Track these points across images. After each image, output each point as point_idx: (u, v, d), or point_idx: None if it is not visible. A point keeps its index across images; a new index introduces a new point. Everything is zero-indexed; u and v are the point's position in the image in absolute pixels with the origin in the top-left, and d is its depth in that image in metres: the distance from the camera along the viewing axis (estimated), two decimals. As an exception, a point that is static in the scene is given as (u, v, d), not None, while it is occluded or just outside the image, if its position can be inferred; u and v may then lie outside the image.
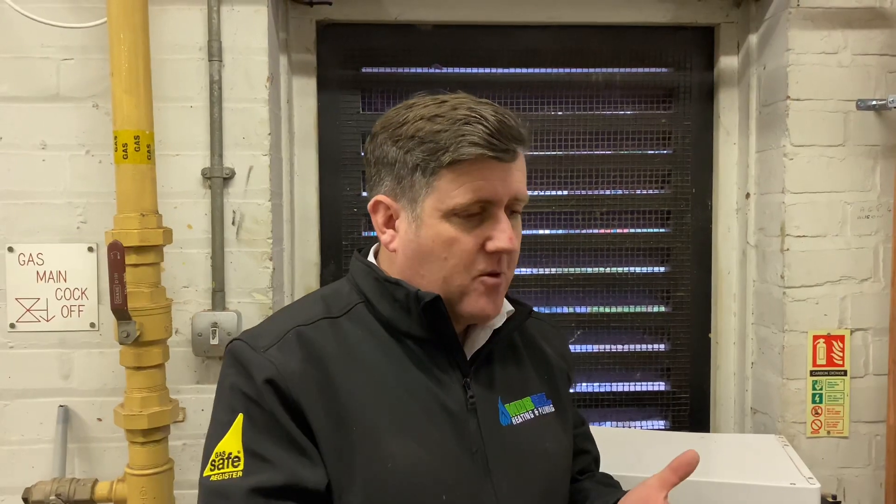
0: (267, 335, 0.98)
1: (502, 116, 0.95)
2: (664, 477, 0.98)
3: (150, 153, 1.59)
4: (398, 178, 0.99)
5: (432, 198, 0.96)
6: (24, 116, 1.74)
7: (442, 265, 0.97)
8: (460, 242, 0.96)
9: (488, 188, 0.95)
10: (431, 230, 0.96)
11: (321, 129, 2.02)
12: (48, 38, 1.73)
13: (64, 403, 1.77)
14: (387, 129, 1.00)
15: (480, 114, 0.94)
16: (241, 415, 0.92)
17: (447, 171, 0.94)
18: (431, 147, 0.95)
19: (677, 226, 2.08)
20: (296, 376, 0.93)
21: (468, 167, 0.94)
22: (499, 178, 0.95)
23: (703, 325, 2.10)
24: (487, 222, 0.97)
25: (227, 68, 1.76)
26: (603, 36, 2.05)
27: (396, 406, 0.96)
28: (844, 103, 1.82)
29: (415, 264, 0.99)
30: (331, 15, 1.97)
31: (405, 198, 0.99)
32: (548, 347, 1.18)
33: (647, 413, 2.12)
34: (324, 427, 0.93)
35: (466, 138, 0.93)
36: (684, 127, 2.07)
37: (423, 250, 0.98)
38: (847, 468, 1.87)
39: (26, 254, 1.75)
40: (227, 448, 0.91)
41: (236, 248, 1.78)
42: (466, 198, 0.94)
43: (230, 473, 0.89)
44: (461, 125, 0.94)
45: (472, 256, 0.97)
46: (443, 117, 0.95)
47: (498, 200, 0.96)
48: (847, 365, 1.85)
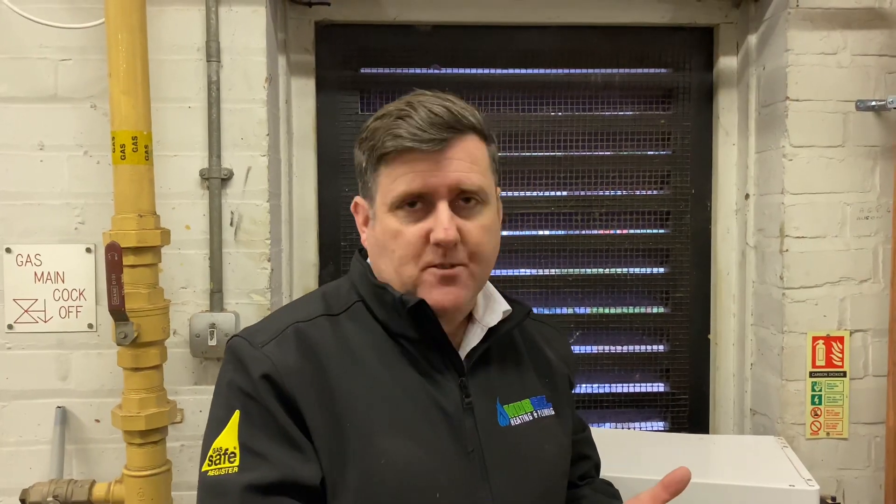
0: (265, 331, 0.99)
1: (439, 108, 0.96)
2: (655, 494, 0.96)
3: (148, 154, 1.59)
4: (363, 180, 1.04)
5: (380, 193, 1.00)
6: (22, 117, 1.74)
7: (391, 257, 0.99)
8: (404, 235, 0.97)
9: (417, 180, 0.96)
10: (381, 224, 1.00)
11: (320, 130, 2.02)
12: (46, 38, 1.73)
13: (62, 404, 1.76)
14: (359, 135, 1.05)
15: (414, 107, 0.96)
16: (237, 411, 0.93)
17: (383, 167, 0.99)
18: (371, 144, 0.99)
19: (676, 227, 2.08)
20: (292, 371, 0.94)
21: (397, 160, 0.97)
22: (429, 169, 0.96)
23: (703, 326, 2.10)
24: (431, 214, 0.97)
25: (226, 69, 1.75)
26: (602, 36, 2.05)
27: (391, 405, 0.97)
28: (844, 104, 1.82)
29: (376, 259, 1.03)
30: (329, 15, 1.97)
31: (367, 196, 1.04)
32: (549, 350, 1.18)
33: (646, 414, 2.12)
34: (318, 423, 0.93)
35: (392, 132, 0.96)
36: (683, 128, 2.07)
37: (379, 244, 1.01)
38: (846, 470, 1.86)
39: (24, 254, 1.75)
40: (223, 444, 0.92)
41: (234, 248, 1.78)
42: (399, 190, 0.97)
43: (226, 469, 0.90)
44: (393, 119, 0.97)
45: (416, 248, 0.97)
46: (388, 114, 0.98)
47: (432, 190, 0.96)
48: (846, 366, 1.85)
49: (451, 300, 0.99)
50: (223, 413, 0.94)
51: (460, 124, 0.97)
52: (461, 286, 1.00)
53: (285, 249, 1.96)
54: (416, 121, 0.95)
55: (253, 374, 0.93)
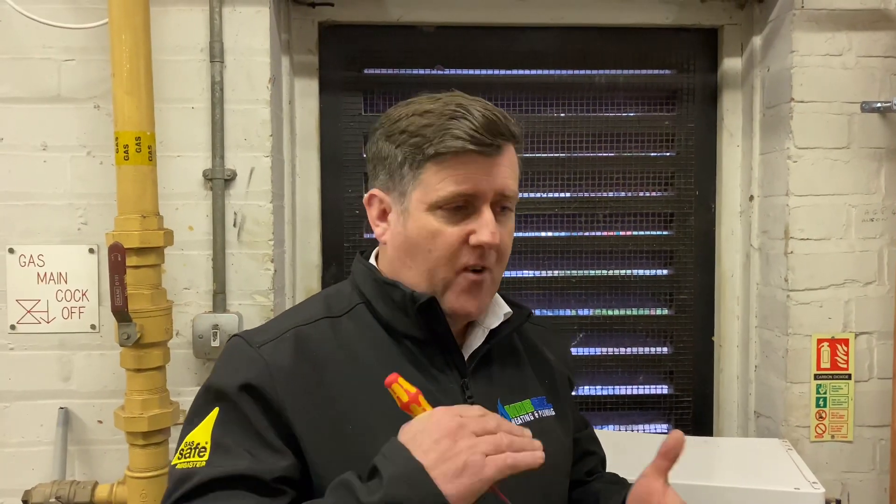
0: (266, 332, 1.00)
1: (490, 112, 0.96)
2: (657, 465, 1.00)
3: (151, 154, 1.59)
4: (390, 172, 1.01)
5: (418, 191, 0.98)
6: (25, 117, 1.74)
7: (426, 257, 0.98)
8: (444, 235, 0.97)
9: (470, 181, 0.96)
10: (417, 222, 0.98)
11: (323, 131, 2.02)
12: (49, 38, 1.73)
13: (64, 405, 1.76)
14: (383, 126, 1.03)
15: (467, 109, 0.96)
16: (216, 409, 0.93)
17: (431, 164, 0.96)
18: (418, 141, 0.97)
19: (680, 228, 2.07)
20: (285, 374, 0.94)
21: (451, 161, 0.96)
22: (482, 172, 0.96)
23: (707, 328, 2.09)
24: (472, 216, 0.97)
25: (229, 69, 1.75)
26: (606, 38, 2.04)
27: (392, 405, 0.95)
28: (849, 105, 1.81)
29: (403, 256, 1.01)
30: (333, 16, 1.97)
31: (396, 191, 1.01)
32: (549, 352, 1.18)
33: (650, 416, 2.11)
34: (311, 425, 0.93)
35: (450, 132, 0.95)
36: (688, 129, 2.06)
37: (410, 242, 0.99)
38: (851, 473, 1.86)
39: (27, 255, 1.75)
40: (196, 439, 0.92)
41: (237, 249, 1.77)
42: (448, 190, 0.96)
43: (195, 462, 0.91)
44: (447, 120, 0.96)
45: (455, 249, 0.97)
46: (432, 113, 0.97)
47: (481, 194, 0.97)
48: (851, 369, 1.84)
49: (477, 307, 1.01)
50: (202, 409, 0.95)
51: (509, 132, 0.98)
52: (485, 293, 1.01)
53: (288, 250, 1.95)
54: (471, 122, 0.95)
55: (241, 374, 0.94)
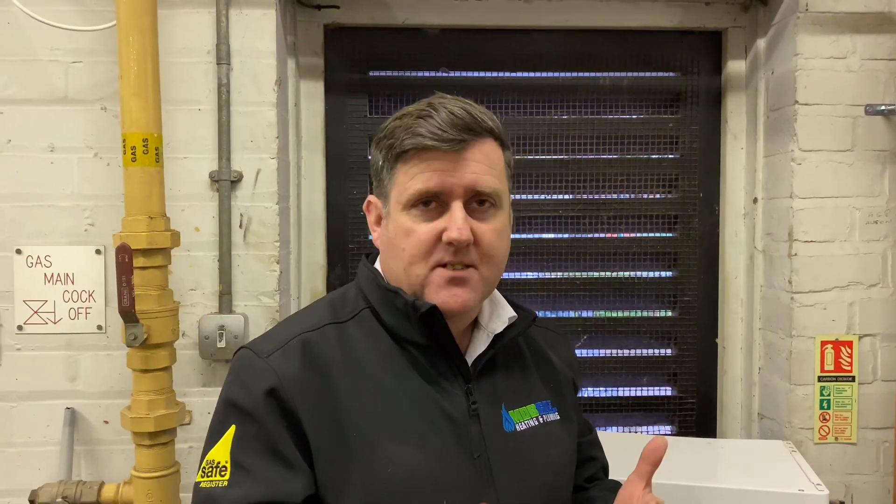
0: (272, 341, 1.00)
1: (460, 109, 0.97)
2: (639, 469, 1.02)
3: (158, 156, 1.60)
4: (378, 178, 1.04)
5: (395, 191, 1.00)
6: (33, 119, 1.75)
7: (402, 256, 0.99)
8: (416, 233, 0.98)
9: (434, 178, 0.96)
10: (395, 223, 1.00)
11: (328, 133, 2.02)
12: (57, 41, 1.73)
13: (70, 405, 1.77)
14: (376, 134, 1.05)
15: (436, 108, 0.97)
16: (233, 426, 0.94)
17: (400, 165, 0.99)
18: (389, 143, 1.00)
19: (684, 230, 2.08)
20: (295, 383, 0.94)
21: (415, 159, 0.97)
22: (447, 169, 0.96)
23: (710, 329, 2.10)
24: (444, 214, 0.98)
25: (235, 71, 1.76)
26: (610, 40, 2.05)
27: (397, 412, 0.97)
28: (853, 108, 1.82)
29: (387, 257, 1.04)
30: (338, 19, 1.98)
31: (382, 195, 1.04)
32: (554, 355, 1.18)
33: (654, 418, 2.12)
34: (320, 433, 0.94)
35: (411, 130, 0.96)
36: (692, 131, 2.07)
37: (391, 243, 1.01)
38: (855, 475, 1.86)
39: (34, 256, 1.76)
40: (216, 457, 0.93)
41: (243, 251, 1.78)
42: (415, 188, 0.97)
43: (217, 482, 0.92)
44: (413, 119, 0.97)
45: (427, 247, 0.97)
46: (408, 114, 0.99)
47: (448, 190, 0.97)
48: (855, 371, 1.85)
49: (460, 302, 0.99)
50: (220, 426, 0.96)
51: (479, 127, 0.98)
52: (470, 289, 0.99)
53: (293, 252, 1.96)
54: (436, 121, 0.96)
55: (254, 391, 0.94)
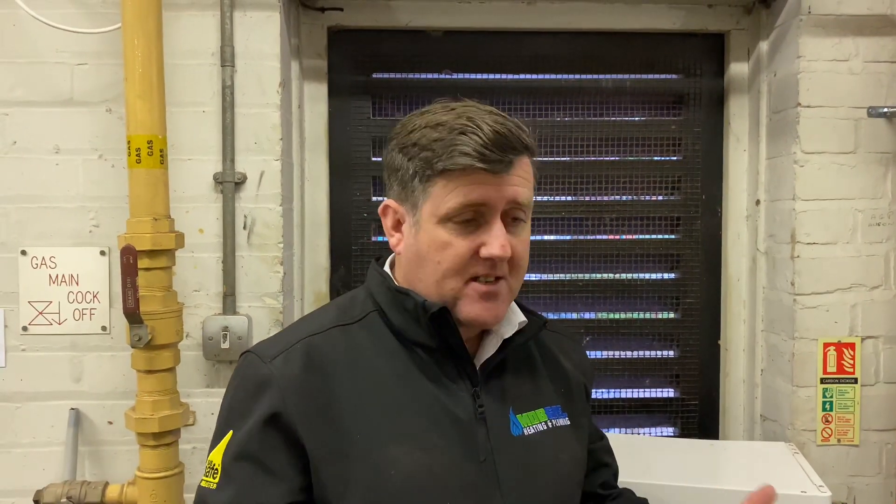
0: (276, 345, 1.01)
1: (501, 126, 0.96)
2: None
3: (163, 158, 1.60)
4: (402, 184, 1.01)
5: (429, 203, 0.98)
6: (38, 121, 1.76)
7: (436, 269, 0.98)
8: (453, 247, 0.97)
9: (478, 193, 0.96)
10: (428, 234, 0.98)
11: (332, 135, 2.03)
12: (63, 43, 1.74)
13: (75, 406, 1.78)
14: (397, 136, 1.03)
15: (477, 124, 0.95)
16: (231, 431, 0.97)
17: (440, 179, 0.96)
18: (428, 155, 0.97)
19: (687, 232, 2.08)
20: (295, 385, 0.95)
21: (459, 175, 0.96)
22: (491, 186, 0.96)
23: (713, 331, 2.10)
24: (482, 228, 0.97)
25: (240, 74, 1.77)
26: (613, 42, 2.05)
27: (401, 414, 0.97)
28: (855, 110, 1.82)
29: (414, 267, 1.02)
30: (342, 21, 1.98)
31: (408, 202, 1.01)
32: (566, 360, 1.17)
33: (656, 420, 2.12)
34: (320, 437, 0.94)
35: (458, 148, 0.94)
36: (694, 133, 2.07)
37: (420, 254, 1.00)
38: (857, 476, 1.86)
39: (39, 257, 1.76)
40: (214, 459, 0.97)
41: (247, 252, 1.79)
42: (457, 202, 0.96)
43: (210, 483, 0.96)
44: (457, 135, 0.95)
45: (464, 261, 0.97)
46: (444, 126, 0.97)
47: (490, 206, 0.97)
48: (857, 373, 1.85)
49: (493, 316, 1.00)
50: (220, 430, 0.99)
51: (521, 145, 0.98)
52: (501, 301, 1.01)
53: (297, 253, 1.97)
54: (481, 139, 0.94)
55: (253, 396, 0.96)
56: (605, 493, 1.21)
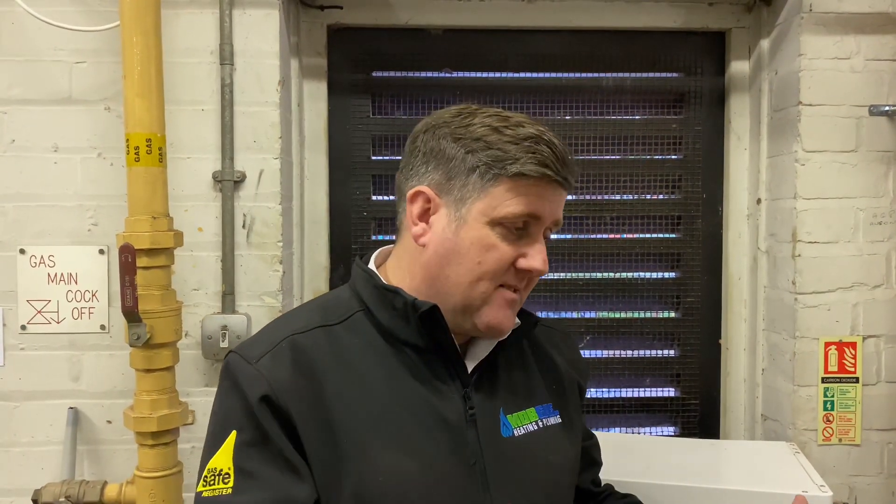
0: (260, 344, 0.98)
1: (565, 146, 0.98)
2: None
3: (161, 156, 1.60)
4: (449, 175, 0.98)
5: (483, 202, 0.96)
6: (36, 119, 1.75)
7: (473, 268, 0.97)
8: (498, 251, 0.96)
9: (539, 206, 0.97)
10: (473, 232, 0.96)
11: (331, 133, 2.02)
12: (61, 41, 1.74)
13: (74, 405, 1.77)
14: (449, 125, 0.99)
15: (549, 138, 0.97)
16: (233, 432, 0.92)
17: (508, 181, 0.95)
18: (498, 155, 0.95)
19: (688, 231, 2.08)
20: (286, 387, 0.93)
21: (529, 183, 0.96)
22: (550, 202, 0.98)
23: (714, 330, 2.09)
24: (525, 239, 0.98)
25: (239, 72, 1.76)
26: (614, 41, 2.04)
27: (389, 418, 0.95)
28: (857, 109, 1.81)
29: (444, 263, 0.98)
30: (342, 19, 1.98)
31: (452, 195, 0.98)
32: (558, 356, 1.17)
33: (657, 419, 2.11)
34: (313, 438, 0.92)
35: (536, 156, 0.95)
36: (695, 132, 2.07)
37: (457, 250, 0.97)
38: (859, 476, 1.85)
39: (38, 256, 1.76)
40: (218, 464, 0.92)
41: (246, 251, 1.78)
42: (520, 209, 0.95)
43: (220, 490, 0.90)
44: (531, 143, 0.95)
45: (504, 267, 0.97)
46: (511, 130, 0.97)
47: (542, 220, 0.98)
48: (859, 372, 1.84)
49: (509, 325, 1.02)
50: (219, 432, 0.94)
51: (576, 175, 1.01)
52: (515, 311, 1.03)
53: (296, 252, 1.96)
54: (555, 154, 0.96)
55: (248, 394, 0.92)
56: (597, 490, 1.21)
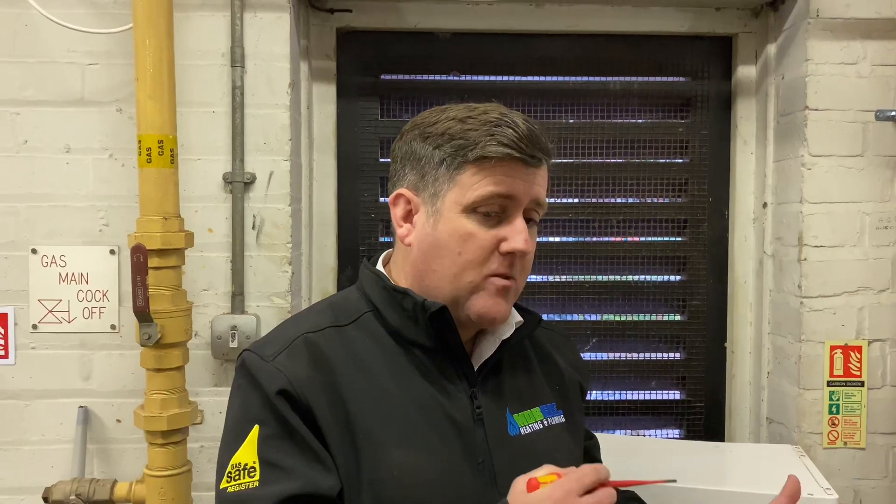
0: (275, 343, 0.99)
1: (532, 125, 0.98)
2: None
3: (173, 157, 1.61)
4: (422, 173, 1.00)
5: (454, 192, 0.97)
6: (49, 120, 1.77)
7: (455, 260, 0.98)
8: (476, 238, 0.97)
9: (508, 185, 0.96)
10: (450, 224, 0.98)
11: (340, 136, 2.04)
12: (74, 43, 1.75)
13: (84, 404, 1.78)
14: (418, 127, 1.02)
15: (512, 119, 0.97)
16: (256, 426, 0.93)
17: (472, 166, 0.96)
18: (461, 143, 0.97)
19: (693, 234, 2.09)
20: (305, 383, 0.94)
21: (494, 164, 0.96)
22: (521, 180, 0.97)
23: (719, 334, 2.10)
24: (505, 223, 0.98)
25: (249, 74, 1.78)
26: (621, 45, 2.06)
27: (400, 417, 0.97)
28: (863, 114, 1.82)
29: (428, 258, 1.00)
30: (351, 22, 1.99)
31: (427, 192, 1.00)
32: (559, 357, 1.18)
33: (662, 422, 2.12)
34: (332, 432, 0.93)
35: (496, 137, 0.95)
36: (701, 136, 2.08)
37: (438, 244, 0.99)
38: (864, 480, 1.86)
39: (49, 255, 1.77)
40: (242, 459, 0.92)
41: (256, 252, 1.79)
42: (487, 190, 0.96)
43: (247, 484, 0.90)
44: (492, 126, 0.96)
45: (486, 253, 0.97)
46: (474, 119, 0.98)
47: (517, 199, 0.97)
48: (864, 375, 1.85)
49: (503, 313, 1.01)
50: (239, 429, 0.94)
51: (546, 148, 1.00)
52: (509, 300, 1.01)
53: (305, 253, 1.97)
54: (516, 132, 0.96)
55: (268, 390, 0.93)
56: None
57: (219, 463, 0.95)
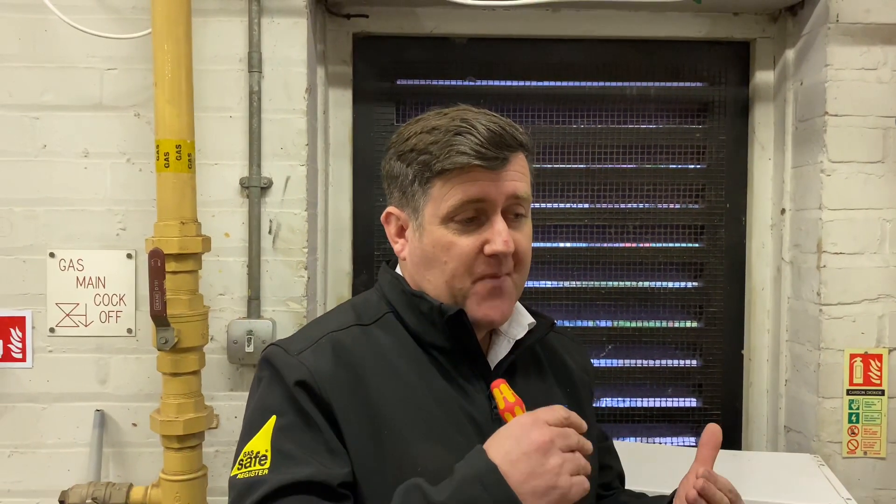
0: (301, 341, 1.01)
1: (495, 125, 0.98)
2: (700, 455, 1.04)
3: (191, 162, 1.62)
4: (402, 190, 1.04)
5: (430, 206, 1.00)
6: (68, 124, 1.78)
7: (443, 269, 1.00)
8: (457, 246, 0.99)
9: (476, 189, 0.98)
10: (432, 236, 1.00)
11: (356, 141, 2.04)
12: (93, 48, 1.77)
13: (100, 408, 1.79)
14: (395, 145, 1.06)
15: (472, 124, 0.98)
16: (273, 416, 0.94)
17: (438, 180, 0.99)
18: (425, 159, 0.99)
19: (711, 241, 2.07)
20: (328, 378, 0.96)
21: (458, 174, 0.98)
22: (489, 182, 0.98)
23: (736, 341, 2.08)
24: (484, 226, 0.99)
25: (267, 79, 1.78)
26: (638, 50, 2.05)
27: (424, 413, 0.98)
28: (884, 119, 1.81)
29: (422, 270, 1.03)
30: (367, 28, 1.99)
31: (409, 207, 1.04)
32: (570, 361, 1.20)
33: (678, 429, 2.10)
34: (353, 428, 0.95)
35: (455, 148, 0.97)
36: (719, 142, 2.06)
37: (427, 256, 1.01)
38: (884, 490, 1.83)
39: (67, 259, 1.78)
40: (255, 448, 0.93)
41: (272, 256, 1.80)
42: (457, 199, 0.98)
43: (256, 471, 0.91)
44: (452, 136, 0.98)
45: (470, 259, 0.99)
46: (438, 129, 0.99)
47: (491, 201, 0.99)
48: (885, 384, 1.83)
49: (500, 314, 1.02)
50: (257, 419, 0.96)
51: (515, 142, 1.00)
52: (506, 298, 1.02)
53: (321, 258, 1.97)
54: (476, 138, 0.97)
55: (288, 381, 0.95)
56: (605, 494, 1.22)
57: (235, 452, 0.97)
